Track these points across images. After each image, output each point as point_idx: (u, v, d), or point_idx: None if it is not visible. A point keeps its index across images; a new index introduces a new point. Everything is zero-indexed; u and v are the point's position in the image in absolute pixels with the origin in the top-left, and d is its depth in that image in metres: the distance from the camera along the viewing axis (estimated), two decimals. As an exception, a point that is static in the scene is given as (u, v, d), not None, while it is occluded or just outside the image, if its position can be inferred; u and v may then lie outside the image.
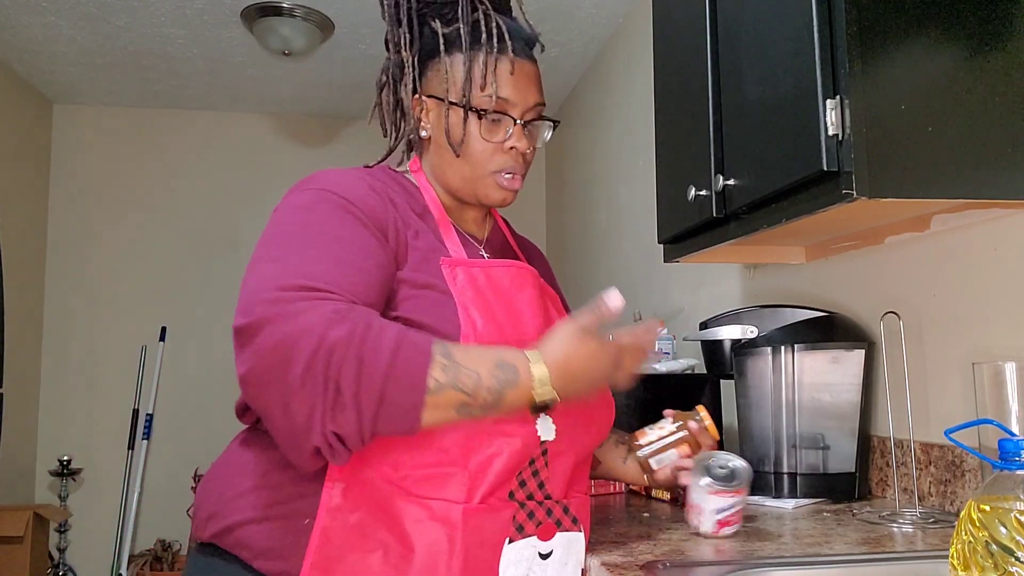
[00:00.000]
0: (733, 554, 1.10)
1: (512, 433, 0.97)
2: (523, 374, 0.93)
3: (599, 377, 1.00)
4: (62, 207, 4.18)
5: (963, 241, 1.38)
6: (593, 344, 0.97)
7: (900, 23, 1.11)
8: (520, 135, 1.12)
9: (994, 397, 1.15)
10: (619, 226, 3.20)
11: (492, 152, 1.12)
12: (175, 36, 3.38)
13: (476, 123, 1.11)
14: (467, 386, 0.90)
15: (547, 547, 1.01)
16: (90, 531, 4.02)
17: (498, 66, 1.10)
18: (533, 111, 1.14)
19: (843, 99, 1.09)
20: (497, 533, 0.96)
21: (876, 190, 1.08)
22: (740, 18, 1.38)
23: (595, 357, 0.98)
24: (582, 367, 0.97)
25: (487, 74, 1.10)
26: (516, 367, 0.93)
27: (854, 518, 1.34)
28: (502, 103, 1.10)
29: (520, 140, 1.12)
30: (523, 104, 1.12)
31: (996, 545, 0.75)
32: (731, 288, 2.23)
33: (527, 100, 1.12)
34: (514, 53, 1.12)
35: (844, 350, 1.53)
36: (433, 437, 0.94)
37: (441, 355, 0.90)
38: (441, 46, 1.12)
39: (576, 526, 1.05)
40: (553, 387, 0.94)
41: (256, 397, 0.89)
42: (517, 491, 0.99)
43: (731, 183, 1.39)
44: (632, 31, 3.05)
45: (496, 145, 1.11)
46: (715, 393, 1.96)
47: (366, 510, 0.95)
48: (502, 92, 1.10)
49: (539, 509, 1.01)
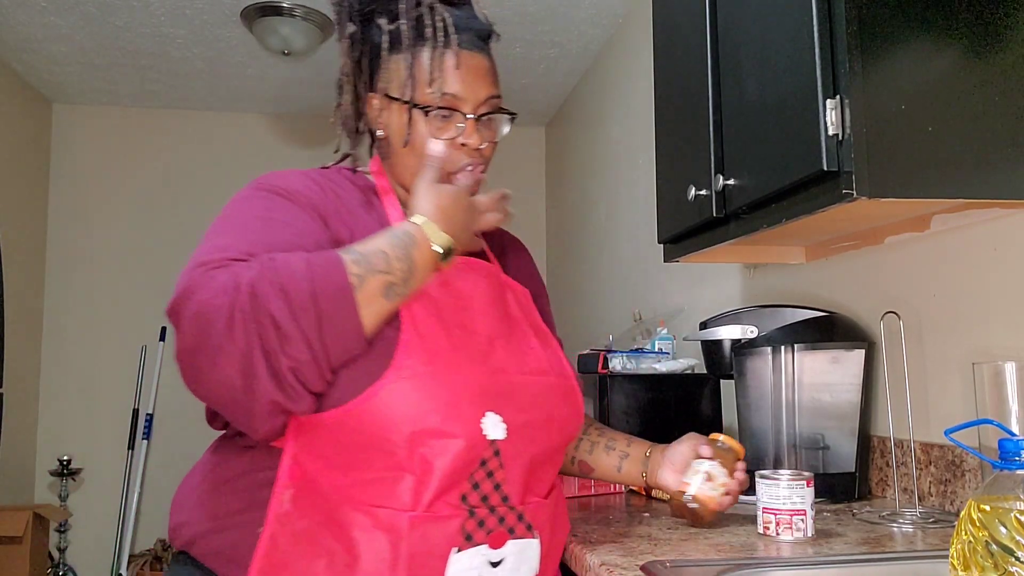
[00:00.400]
0: (733, 554, 1.10)
1: (455, 433, 0.94)
2: (415, 231, 0.97)
3: (467, 211, 1.03)
4: (62, 207, 4.18)
5: (963, 241, 1.38)
6: (446, 187, 1.03)
7: (900, 23, 1.11)
8: (472, 130, 1.09)
9: (994, 397, 1.15)
10: (619, 226, 3.20)
11: (450, 148, 1.08)
12: (175, 36, 3.37)
13: (424, 121, 1.08)
14: (381, 266, 0.93)
15: (498, 555, 0.98)
16: (90, 531, 4.02)
17: (443, 61, 1.07)
18: (486, 105, 1.10)
19: (843, 99, 1.09)
20: (444, 542, 0.94)
21: (876, 190, 1.08)
22: (740, 18, 1.38)
23: (454, 195, 1.03)
24: (451, 205, 1.01)
25: (432, 70, 1.07)
26: (406, 230, 0.97)
27: (854, 518, 1.34)
28: (449, 99, 1.07)
29: (472, 136, 1.09)
30: (473, 98, 1.08)
31: (996, 545, 0.75)
32: (731, 288, 2.23)
33: (477, 94, 1.09)
34: (461, 46, 1.08)
35: (844, 350, 1.53)
36: (380, 438, 0.93)
37: (346, 254, 0.93)
38: (385, 44, 1.10)
39: (531, 533, 1.01)
40: (443, 231, 0.99)
41: (192, 375, 0.90)
42: (470, 494, 0.96)
43: (731, 183, 1.39)
44: (632, 31, 3.05)
45: (448, 142, 1.08)
46: (715, 393, 1.96)
47: (315, 518, 0.94)
48: (448, 87, 1.07)
49: (490, 517, 0.98)
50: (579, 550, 1.15)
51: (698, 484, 1.21)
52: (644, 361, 2.03)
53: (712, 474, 1.22)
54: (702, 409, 1.95)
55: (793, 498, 1.15)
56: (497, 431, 0.98)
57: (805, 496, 1.16)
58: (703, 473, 1.22)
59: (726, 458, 1.23)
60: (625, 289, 3.12)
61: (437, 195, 1.01)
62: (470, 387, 0.97)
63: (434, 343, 0.98)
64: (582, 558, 1.13)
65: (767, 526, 1.17)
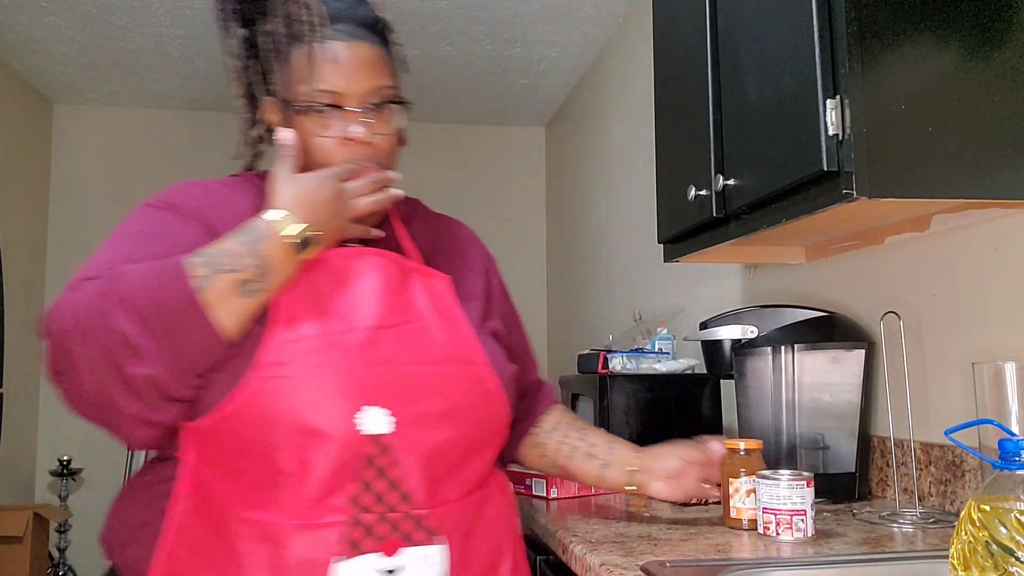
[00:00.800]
0: (733, 554, 1.10)
1: (328, 431, 0.91)
2: (263, 225, 0.95)
3: (332, 199, 0.99)
4: (62, 207, 4.18)
5: (963, 241, 1.38)
6: (305, 176, 1.00)
7: (900, 23, 1.11)
8: (356, 124, 1.03)
9: (994, 397, 1.15)
10: (619, 226, 3.20)
11: (334, 147, 1.04)
12: (175, 36, 3.37)
13: (307, 119, 1.04)
14: (229, 264, 0.91)
15: (392, 564, 0.93)
16: (90, 531, 4.02)
17: (315, 55, 1.02)
18: (374, 96, 1.05)
19: (843, 99, 1.09)
20: (325, 551, 0.90)
21: (876, 190, 1.09)
22: (740, 18, 1.38)
23: (315, 183, 0.99)
24: (310, 194, 0.98)
25: (304, 66, 1.03)
26: (255, 225, 0.95)
27: (854, 518, 1.34)
28: (325, 95, 1.03)
29: (357, 129, 1.03)
30: (355, 90, 1.03)
31: (996, 545, 0.75)
32: (731, 288, 2.23)
33: (359, 85, 1.03)
34: (337, 38, 1.03)
35: (844, 350, 1.53)
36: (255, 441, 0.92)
37: (193, 257, 0.92)
38: (260, 45, 1.07)
39: (433, 539, 0.95)
40: (300, 221, 0.96)
41: (62, 395, 0.90)
42: (363, 494, 0.92)
43: (731, 183, 1.39)
44: (632, 31, 3.05)
45: (335, 139, 1.04)
46: (715, 393, 1.96)
47: (208, 528, 0.93)
48: (322, 83, 1.03)
49: (380, 523, 0.92)
50: (579, 550, 1.15)
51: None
52: (644, 361, 2.03)
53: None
54: (702, 409, 1.95)
55: (793, 498, 1.15)
56: (379, 426, 0.93)
57: (805, 496, 1.16)
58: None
59: (750, 463, 1.25)
60: (625, 289, 3.12)
61: (294, 185, 0.99)
62: (343, 381, 0.93)
63: (304, 337, 0.95)
64: (582, 558, 1.13)
65: (767, 526, 1.17)
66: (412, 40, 3.33)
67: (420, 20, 3.16)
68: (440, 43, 3.38)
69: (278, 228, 0.95)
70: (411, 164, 5.24)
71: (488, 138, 4.43)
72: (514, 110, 4.20)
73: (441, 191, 4.49)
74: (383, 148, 1.06)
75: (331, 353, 0.95)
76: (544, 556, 1.52)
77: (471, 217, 1.53)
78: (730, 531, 1.24)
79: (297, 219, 0.96)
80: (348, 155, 1.04)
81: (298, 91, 1.04)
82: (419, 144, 4.38)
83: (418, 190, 1.16)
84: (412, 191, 1.17)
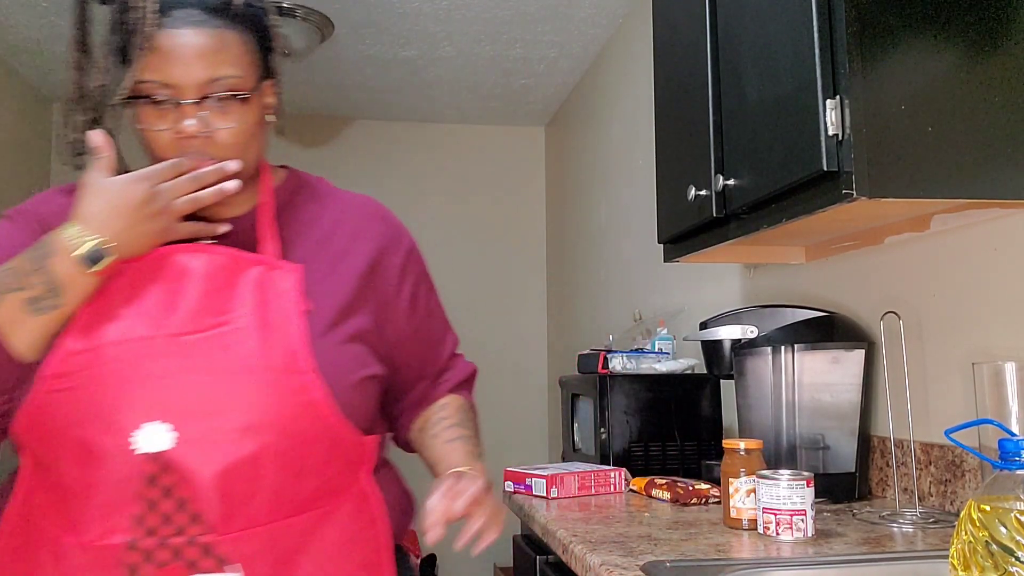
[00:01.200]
0: (733, 554, 1.10)
1: (103, 447, 0.87)
2: (52, 239, 0.91)
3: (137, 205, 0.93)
4: (62, 207, 4.18)
5: (963, 241, 1.38)
6: (106, 184, 0.94)
7: (900, 23, 1.11)
8: (187, 117, 0.96)
9: (994, 397, 1.15)
10: (619, 226, 3.20)
11: (168, 141, 0.98)
12: (175, 36, 3.37)
13: (143, 112, 0.98)
14: (15, 283, 0.90)
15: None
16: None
17: (144, 44, 0.94)
18: (210, 87, 0.96)
19: (843, 99, 1.09)
20: (104, 574, 0.86)
21: (876, 190, 1.09)
22: (740, 18, 1.38)
23: (122, 185, 0.94)
24: (115, 197, 0.93)
25: (132, 56, 0.95)
26: (46, 240, 0.92)
27: (854, 518, 1.34)
28: (155, 85, 0.95)
29: (188, 123, 0.96)
30: (187, 81, 0.95)
31: (996, 545, 0.75)
32: (731, 288, 2.23)
33: (191, 75, 0.95)
34: (173, 25, 0.96)
35: (844, 350, 1.53)
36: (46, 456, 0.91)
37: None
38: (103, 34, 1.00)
39: (223, 567, 0.88)
40: (95, 233, 0.91)
41: None
42: (147, 515, 0.87)
43: (731, 183, 1.39)
44: (632, 31, 3.05)
45: (168, 133, 0.97)
46: (715, 393, 1.96)
47: (21, 540, 0.92)
48: (154, 73, 0.95)
49: (161, 549, 0.86)
50: (579, 550, 1.15)
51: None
52: (644, 361, 2.03)
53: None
54: (702, 409, 1.95)
55: (793, 498, 1.15)
56: (158, 442, 0.87)
57: (805, 496, 1.16)
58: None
59: (750, 463, 1.25)
60: (625, 289, 3.12)
61: (99, 193, 0.94)
62: (124, 394, 0.89)
63: (91, 348, 0.91)
64: (582, 558, 1.13)
65: (767, 526, 1.17)
66: (412, 40, 3.33)
67: (420, 20, 3.16)
68: (440, 43, 3.38)
69: (66, 243, 0.91)
70: (411, 164, 5.22)
71: (488, 138, 4.43)
72: (514, 110, 4.20)
73: (441, 191, 4.49)
74: (224, 141, 0.99)
75: (115, 365, 0.90)
76: (544, 556, 1.53)
77: (471, 217, 1.53)
78: (730, 531, 1.24)
79: (91, 230, 0.91)
80: (182, 150, 0.97)
81: (128, 80, 0.96)
82: (419, 144, 4.39)
83: (418, 190, 1.15)
84: (412, 191, 1.17)
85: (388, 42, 3.35)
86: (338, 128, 4.41)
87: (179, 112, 0.96)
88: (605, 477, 1.70)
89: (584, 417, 2.04)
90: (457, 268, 4.24)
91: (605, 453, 1.88)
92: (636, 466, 1.86)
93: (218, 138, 0.98)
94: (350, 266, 1.07)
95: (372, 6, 3.04)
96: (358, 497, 1.00)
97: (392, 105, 4.09)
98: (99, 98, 0.98)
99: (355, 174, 4.13)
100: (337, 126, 4.41)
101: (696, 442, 1.92)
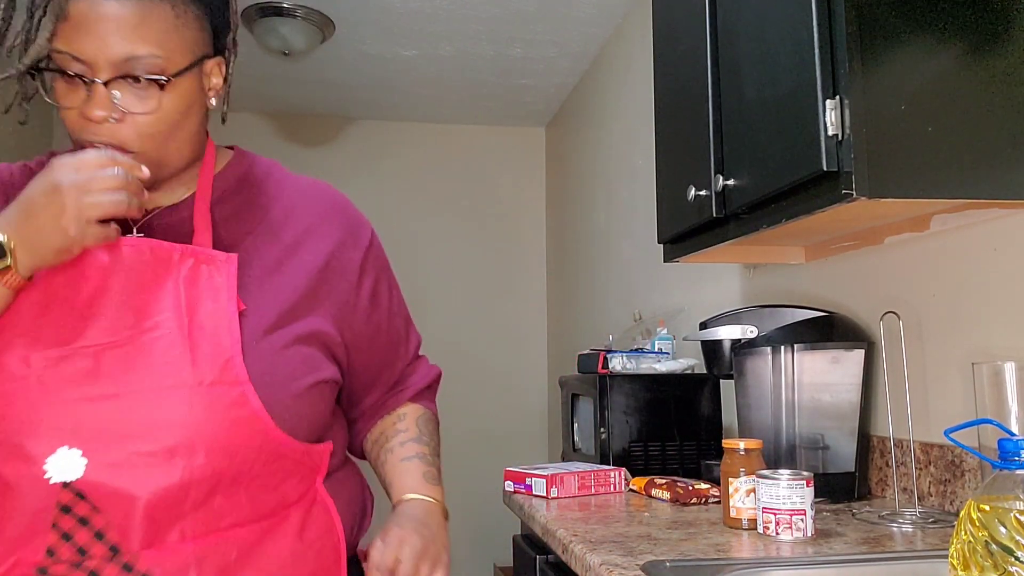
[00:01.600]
0: (733, 554, 1.10)
1: (10, 476, 0.82)
2: None
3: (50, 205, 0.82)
4: (62, 207, 4.17)
5: (963, 241, 1.38)
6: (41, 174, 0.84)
7: (900, 23, 1.11)
8: (97, 99, 0.85)
9: (994, 397, 1.15)
10: (619, 226, 3.20)
11: (77, 123, 0.87)
12: (175, 36, 3.37)
13: (58, 87, 0.88)
14: None
15: None
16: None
17: (55, 9, 0.84)
18: (127, 65, 0.85)
19: (843, 99, 1.09)
20: None
21: (876, 190, 1.09)
22: (740, 18, 1.38)
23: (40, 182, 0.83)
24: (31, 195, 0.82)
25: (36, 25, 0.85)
26: None
27: (854, 518, 1.34)
28: (63, 58, 0.85)
29: (94, 105, 0.85)
30: (99, 57, 0.84)
31: (996, 545, 0.75)
32: (731, 288, 2.23)
33: (104, 51, 0.84)
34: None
35: (844, 350, 1.53)
36: None
37: None
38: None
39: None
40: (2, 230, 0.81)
41: None
42: (60, 546, 0.82)
43: (731, 183, 1.39)
44: (632, 31, 3.05)
45: (75, 112, 0.87)
46: (715, 393, 1.97)
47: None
48: (60, 42, 0.84)
49: (75, 572, 0.82)
50: (579, 550, 1.15)
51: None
52: (644, 361, 2.03)
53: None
54: (702, 409, 1.95)
55: (793, 498, 1.16)
56: (69, 471, 0.81)
57: (805, 496, 1.16)
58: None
59: (750, 462, 1.25)
60: (625, 289, 3.12)
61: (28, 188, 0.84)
62: (33, 419, 0.82)
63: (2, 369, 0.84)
64: (582, 558, 1.13)
65: (767, 526, 1.17)
66: (412, 40, 3.33)
67: (420, 20, 3.16)
68: (440, 43, 3.37)
69: None
70: (411, 164, 5.23)
71: (488, 138, 4.43)
72: (514, 110, 4.20)
73: (441, 191, 4.49)
74: (139, 130, 0.88)
75: (22, 386, 0.83)
76: (544, 556, 1.53)
77: (471, 217, 1.53)
78: (730, 531, 1.24)
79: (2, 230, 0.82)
80: (90, 133, 0.87)
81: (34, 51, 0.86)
82: (419, 144, 4.39)
83: (418, 190, 1.14)
84: (412, 191, 1.16)
85: (388, 42, 3.35)
86: (338, 128, 4.41)
87: (90, 91, 0.85)
88: (605, 477, 1.70)
89: (584, 417, 2.04)
90: (457, 268, 4.24)
91: (605, 453, 1.88)
92: (636, 466, 1.86)
93: (132, 124, 0.87)
94: (302, 261, 0.98)
95: (372, 6, 3.04)
96: (309, 505, 0.95)
97: (392, 105, 4.09)
98: (17, 60, 0.87)
99: (355, 174, 4.13)
100: (337, 126, 4.41)
101: (696, 442, 1.93)
